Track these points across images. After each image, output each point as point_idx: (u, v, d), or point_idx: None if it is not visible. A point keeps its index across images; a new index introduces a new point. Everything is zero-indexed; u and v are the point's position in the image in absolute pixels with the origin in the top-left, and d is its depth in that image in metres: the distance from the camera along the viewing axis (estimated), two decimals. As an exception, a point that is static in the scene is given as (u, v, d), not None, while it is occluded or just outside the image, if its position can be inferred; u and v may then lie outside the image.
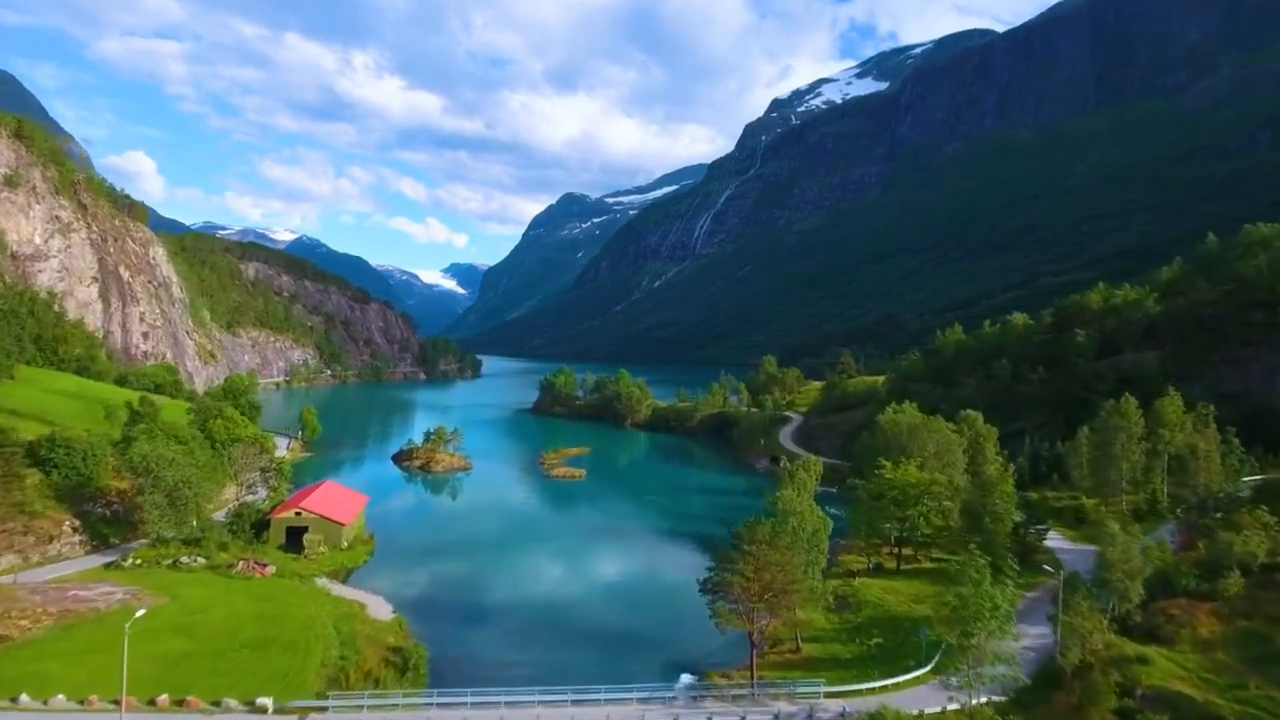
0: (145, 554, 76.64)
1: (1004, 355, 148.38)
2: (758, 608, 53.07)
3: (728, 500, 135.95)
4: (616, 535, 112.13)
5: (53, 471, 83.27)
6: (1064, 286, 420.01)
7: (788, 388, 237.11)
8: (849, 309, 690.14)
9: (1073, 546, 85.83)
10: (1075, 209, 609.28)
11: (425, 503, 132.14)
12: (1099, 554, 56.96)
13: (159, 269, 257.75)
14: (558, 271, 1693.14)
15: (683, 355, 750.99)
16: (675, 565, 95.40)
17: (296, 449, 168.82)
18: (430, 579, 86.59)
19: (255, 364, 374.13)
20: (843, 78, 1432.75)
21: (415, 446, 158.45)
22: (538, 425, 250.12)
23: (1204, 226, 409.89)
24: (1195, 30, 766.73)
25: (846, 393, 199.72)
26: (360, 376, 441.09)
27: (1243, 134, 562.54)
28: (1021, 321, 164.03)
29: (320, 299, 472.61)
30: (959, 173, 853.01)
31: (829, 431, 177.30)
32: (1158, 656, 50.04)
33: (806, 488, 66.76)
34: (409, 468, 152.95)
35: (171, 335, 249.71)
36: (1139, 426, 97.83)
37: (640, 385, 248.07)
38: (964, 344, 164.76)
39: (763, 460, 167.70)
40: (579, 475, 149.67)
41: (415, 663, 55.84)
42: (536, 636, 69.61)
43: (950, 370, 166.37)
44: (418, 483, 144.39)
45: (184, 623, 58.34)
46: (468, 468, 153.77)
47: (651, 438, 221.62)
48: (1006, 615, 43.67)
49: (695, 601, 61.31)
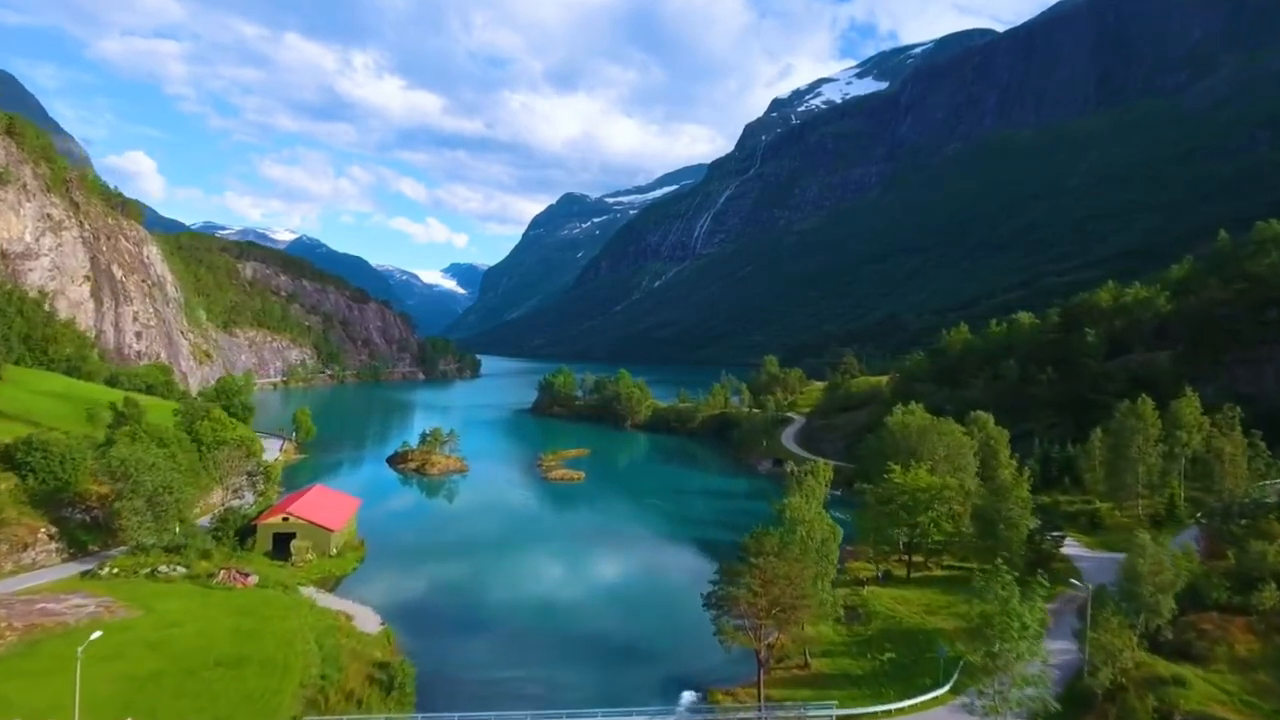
0: (123, 563, 73.34)
1: (1011, 355, 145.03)
2: (765, 624, 49.80)
3: (730, 503, 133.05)
4: (616, 540, 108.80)
5: (29, 476, 79.96)
6: (1066, 286, 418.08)
7: (790, 388, 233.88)
8: (849, 309, 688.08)
9: (1090, 554, 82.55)
10: (1076, 209, 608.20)
11: (419, 506, 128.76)
12: (1126, 565, 53.59)
13: (153, 268, 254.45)
14: (558, 271, 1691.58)
15: (683, 355, 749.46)
16: (677, 572, 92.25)
17: (290, 451, 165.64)
18: (422, 587, 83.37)
19: (252, 364, 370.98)
20: (843, 77, 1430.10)
21: (411, 449, 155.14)
22: (536, 426, 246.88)
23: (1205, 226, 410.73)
24: (1197, 30, 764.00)
25: (850, 393, 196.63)
26: (359, 377, 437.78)
27: (1243, 134, 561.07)
28: (1028, 321, 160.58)
29: (318, 298, 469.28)
30: (959, 173, 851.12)
31: (832, 433, 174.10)
32: (1194, 677, 46.80)
33: (815, 494, 63.49)
34: (404, 470, 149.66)
35: (166, 335, 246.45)
36: (1156, 428, 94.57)
37: (640, 385, 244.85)
38: (970, 344, 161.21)
39: (765, 462, 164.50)
40: (577, 478, 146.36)
41: (401, 681, 52.60)
42: (532, 649, 66.35)
43: (956, 370, 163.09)
44: (412, 485, 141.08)
45: (156, 638, 55.04)
46: (464, 470, 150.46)
47: (652, 439, 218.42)
48: (1036, 635, 40.37)
49: (697, 610, 58.03)
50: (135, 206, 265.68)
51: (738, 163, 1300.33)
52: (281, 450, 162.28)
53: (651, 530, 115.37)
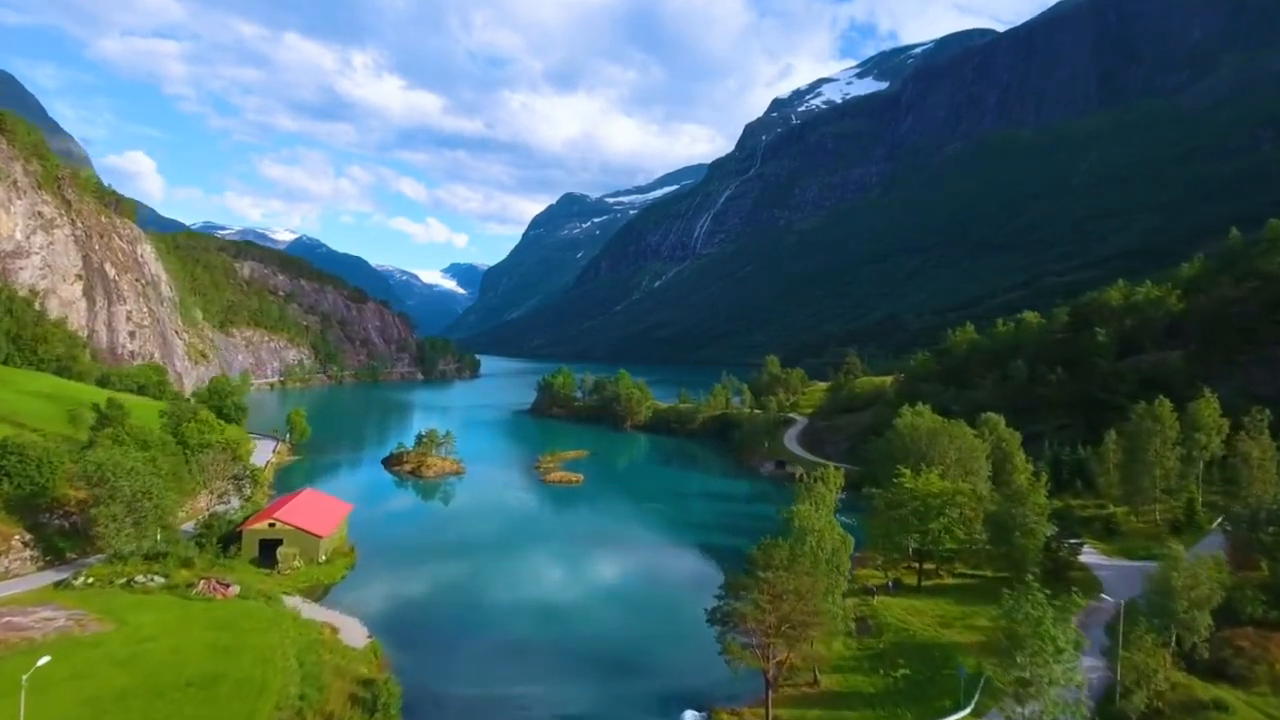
0: (99, 572, 70.12)
1: (1019, 355, 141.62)
2: (774, 642, 46.61)
3: (732, 506, 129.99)
4: (615, 545, 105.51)
5: (3, 480, 76.74)
6: (1067, 286, 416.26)
7: (791, 389, 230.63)
8: (850, 309, 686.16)
9: (1108, 562, 79.42)
10: (1077, 209, 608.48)
11: (413, 510, 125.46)
12: (1158, 578, 50.32)
13: (147, 266, 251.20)
14: (558, 272, 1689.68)
15: (683, 355, 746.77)
16: (678, 579, 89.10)
17: (284, 452, 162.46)
18: (413, 596, 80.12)
19: (249, 364, 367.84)
20: (843, 77, 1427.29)
21: (406, 450, 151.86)
22: (535, 427, 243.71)
23: (1207, 226, 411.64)
24: (1197, 29, 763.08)
25: (853, 394, 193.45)
26: (356, 377, 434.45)
27: (1244, 133, 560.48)
28: (1036, 321, 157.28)
29: (316, 298, 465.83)
30: (960, 172, 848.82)
31: (836, 434, 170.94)
32: (1235, 700, 43.65)
33: (825, 501, 60.20)
34: (399, 472, 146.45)
35: (160, 335, 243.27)
36: (1174, 430, 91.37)
37: (640, 386, 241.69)
38: (976, 344, 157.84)
39: (767, 464, 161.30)
40: (576, 480, 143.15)
41: (386, 701, 49.36)
42: (526, 662, 63.16)
43: (962, 371, 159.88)
44: (408, 488, 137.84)
45: (126, 655, 51.82)
46: (460, 472, 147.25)
47: (652, 440, 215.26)
48: (1071, 659, 37.15)
49: (700, 621, 54.98)
50: (129, 205, 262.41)
51: (738, 162, 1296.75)
52: (275, 452, 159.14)
53: (652, 534, 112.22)
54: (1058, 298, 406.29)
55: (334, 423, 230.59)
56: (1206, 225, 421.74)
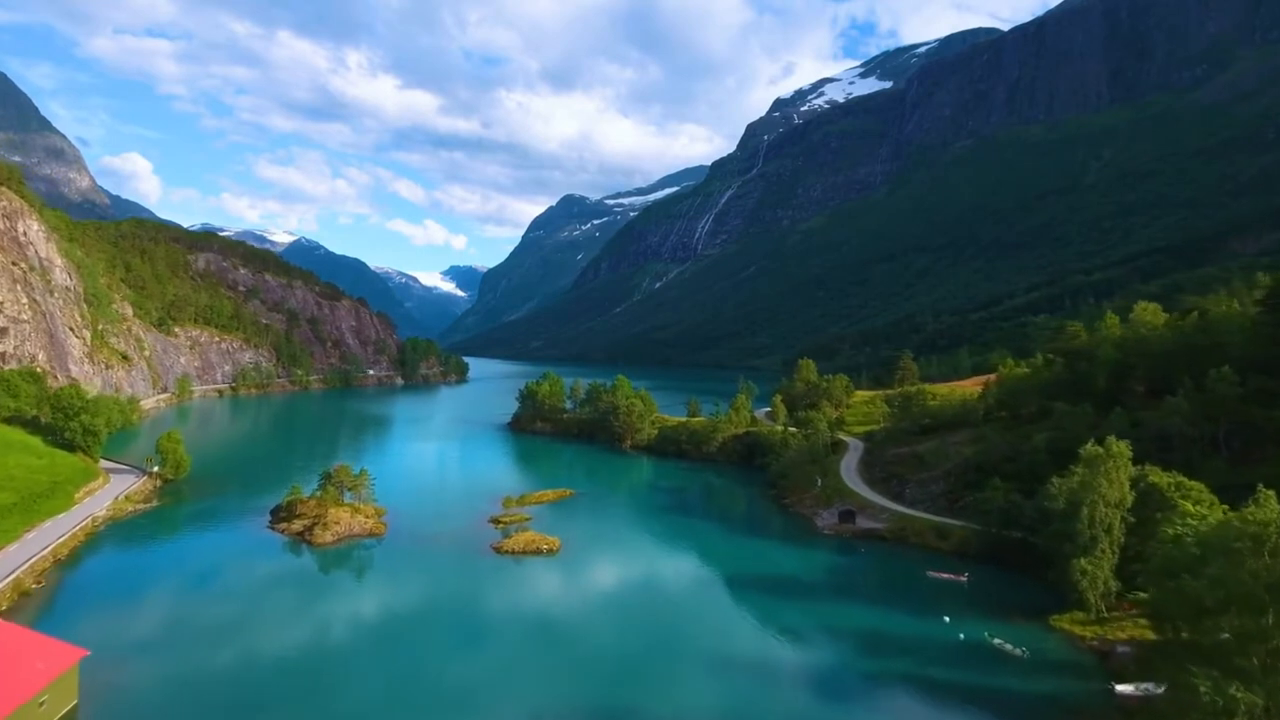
0: None
1: (1217, 357, 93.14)
2: None
3: (808, 606, 78.55)
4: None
5: None
6: (1095, 285, 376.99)
7: (835, 399, 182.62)
8: (857, 309, 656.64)
9: None
10: (1094, 206, 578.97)
11: (249, 619, 70.82)
12: None
13: (33, 248, 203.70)
14: (557, 273, 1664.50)
15: (684, 357, 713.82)
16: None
17: (140, 495, 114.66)
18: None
19: (194, 368, 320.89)
20: (846, 77, 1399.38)
21: (302, 499, 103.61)
22: (514, 447, 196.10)
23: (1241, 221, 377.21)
24: (1212, 24, 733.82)
25: (925, 409, 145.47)
26: (325, 382, 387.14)
27: (1271, 127, 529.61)
28: (1231, 308, 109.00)
29: (283, 294, 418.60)
30: (968, 170, 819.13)
31: (917, 468, 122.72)
32: None
33: None
34: (287, 531, 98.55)
35: (47, 333, 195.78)
36: None
37: (643, 396, 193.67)
38: (1141, 341, 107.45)
39: (826, 514, 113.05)
40: (548, 547, 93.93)
41: None
42: None
43: (1118, 379, 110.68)
44: (279, 560, 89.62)
45: None
46: (378, 532, 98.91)
47: (657, 466, 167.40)
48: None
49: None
50: (13, 171, 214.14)
51: (740, 162, 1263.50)
52: (124, 496, 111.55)
53: (672, 709, 56.47)
54: (1089, 297, 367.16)
55: (250, 445, 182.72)
56: (1241, 221, 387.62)
